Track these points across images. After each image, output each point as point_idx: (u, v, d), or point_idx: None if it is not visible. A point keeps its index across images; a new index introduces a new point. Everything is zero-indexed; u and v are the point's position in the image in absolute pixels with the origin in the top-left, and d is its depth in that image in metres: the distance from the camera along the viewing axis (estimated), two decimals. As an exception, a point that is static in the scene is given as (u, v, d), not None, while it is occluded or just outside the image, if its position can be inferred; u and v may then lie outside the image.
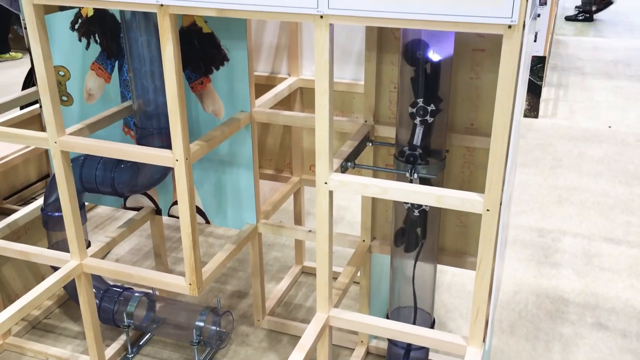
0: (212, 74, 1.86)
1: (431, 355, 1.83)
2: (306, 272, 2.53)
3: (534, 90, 4.20)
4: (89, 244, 1.98)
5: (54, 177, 1.76)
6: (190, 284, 1.72)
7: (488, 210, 1.31)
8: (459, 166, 1.69)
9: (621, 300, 2.35)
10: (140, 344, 2.11)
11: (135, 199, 2.18)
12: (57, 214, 1.92)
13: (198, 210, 2.05)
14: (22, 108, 2.80)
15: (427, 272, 1.69)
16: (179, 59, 1.47)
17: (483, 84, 1.59)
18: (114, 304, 2.01)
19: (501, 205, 1.30)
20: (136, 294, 2.02)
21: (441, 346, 1.52)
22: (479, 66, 1.58)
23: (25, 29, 1.56)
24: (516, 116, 1.25)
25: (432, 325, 1.75)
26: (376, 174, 1.76)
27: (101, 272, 1.84)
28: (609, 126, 4.11)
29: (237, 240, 1.93)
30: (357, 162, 1.60)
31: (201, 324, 1.94)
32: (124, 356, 2.06)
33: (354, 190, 1.43)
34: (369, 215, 1.86)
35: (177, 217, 1.69)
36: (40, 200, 2.09)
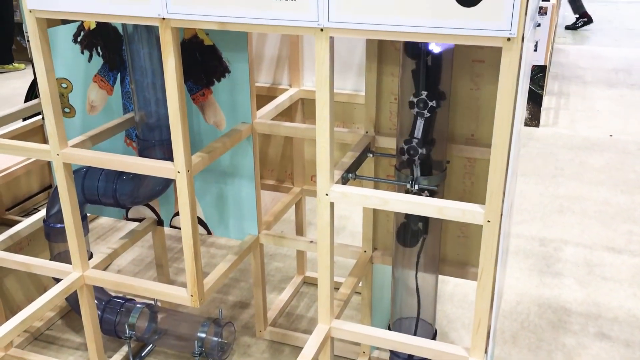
0: (214, 85, 1.87)
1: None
2: (308, 282, 2.52)
3: (535, 99, 4.21)
4: (91, 255, 1.99)
5: (56, 188, 1.77)
6: (192, 296, 1.72)
7: (489, 222, 1.31)
8: (460, 177, 1.70)
9: (624, 310, 2.35)
10: (142, 355, 2.10)
11: (137, 210, 2.18)
12: (59, 225, 1.92)
13: (200, 221, 2.06)
14: (24, 119, 2.81)
15: (429, 282, 1.69)
16: (181, 72, 1.48)
17: (483, 94, 1.60)
18: (115, 315, 2.01)
19: (502, 216, 1.30)
20: (138, 305, 2.03)
21: (443, 357, 1.52)
22: (478, 77, 1.59)
23: (28, 41, 1.57)
24: (517, 126, 1.25)
25: (434, 336, 1.74)
26: (377, 185, 1.77)
27: (103, 284, 1.84)
28: (610, 135, 4.11)
29: (239, 251, 1.93)
30: (358, 173, 1.61)
31: (203, 335, 1.94)
32: (125, 367, 2.06)
33: (355, 201, 1.44)
34: (370, 226, 1.86)
35: (179, 228, 1.69)
36: (42, 211, 2.10)
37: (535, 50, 4.04)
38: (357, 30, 1.24)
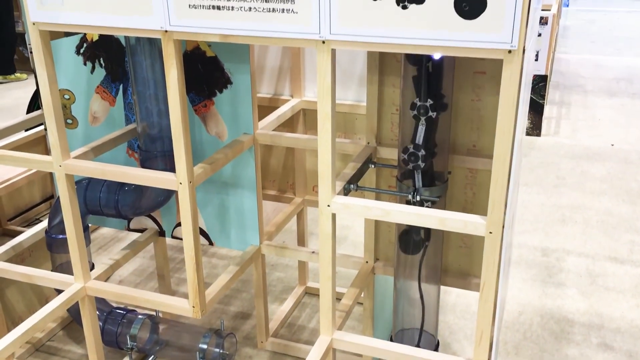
0: (216, 96, 1.88)
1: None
2: (310, 292, 2.52)
3: (536, 109, 4.21)
4: (92, 266, 1.99)
5: (58, 199, 1.77)
6: (193, 307, 1.72)
7: (491, 233, 1.31)
8: (462, 187, 1.70)
9: (626, 320, 2.34)
10: (144, 366, 2.10)
11: (139, 221, 2.18)
12: (61, 236, 1.92)
13: (201, 231, 2.06)
14: (27, 130, 2.82)
15: (431, 293, 1.69)
16: (183, 84, 1.48)
17: (484, 105, 1.60)
18: (117, 326, 2.01)
19: (504, 227, 1.30)
20: (139, 316, 2.02)
21: (445, 369, 1.51)
22: (480, 88, 1.59)
23: (31, 52, 1.58)
24: (518, 136, 1.26)
25: (437, 347, 1.74)
26: (379, 196, 1.77)
27: (105, 295, 1.84)
28: (612, 144, 4.11)
29: (241, 262, 1.93)
30: (359, 184, 1.61)
31: (204, 346, 1.93)
32: (127, 379, 2.06)
33: (356, 213, 1.44)
34: (372, 237, 1.86)
35: (181, 239, 1.69)
36: (44, 221, 2.10)
37: (536, 60, 4.05)
38: (359, 42, 1.25)
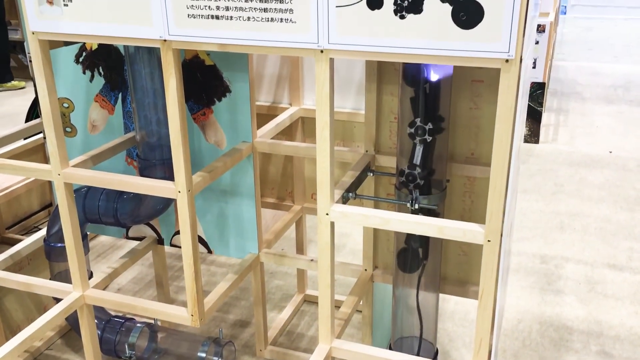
0: (214, 105, 1.88)
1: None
2: (308, 300, 2.52)
3: (534, 116, 4.22)
4: (91, 274, 1.98)
5: (56, 208, 1.77)
6: (192, 315, 1.72)
7: (489, 241, 1.31)
8: (460, 195, 1.70)
9: (625, 328, 2.34)
10: (142, 375, 2.09)
11: (138, 229, 2.18)
12: (59, 244, 1.92)
13: (200, 239, 2.06)
14: (26, 138, 2.82)
15: (430, 301, 1.69)
16: (182, 92, 1.49)
17: (482, 114, 1.61)
18: (115, 335, 2.00)
19: (502, 235, 1.30)
20: (138, 324, 2.02)
21: (444, 377, 1.51)
22: (478, 97, 1.60)
23: (31, 61, 1.58)
24: (516, 143, 1.26)
25: (435, 355, 1.74)
26: (377, 204, 1.77)
27: (103, 304, 1.84)
28: (610, 151, 4.12)
29: (239, 270, 1.93)
30: (358, 192, 1.61)
31: (203, 354, 1.93)
32: (125, 387, 2.05)
33: (355, 221, 1.44)
34: (370, 245, 1.86)
35: (179, 247, 1.69)
36: (42, 230, 2.10)
37: (534, 68, 4.06)
38: (357, 51, 1.25)
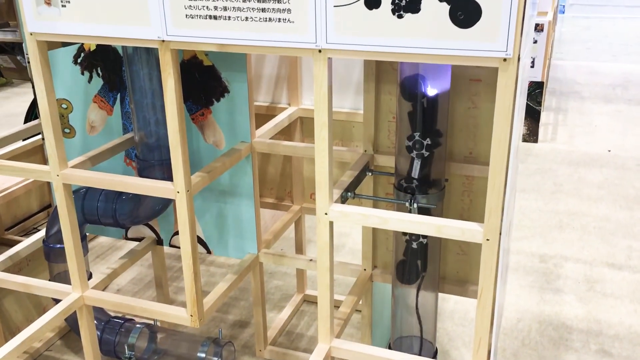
0: (213, 105, 1.88)
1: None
2: (308, 300, 2.52)
3: (533, 115, 4.23)
4: (90, 275, 1.98)
5: (55, 209, 1.77)
6: (191, 316, 1.72)
7: (488, 240, 1.31)
8: (459, 195, 1.70)
9: (625, 327, 2.34)
10: (142, 375, 2.09)
11: (137, 229, 2.18)
12: (58, 246, 1.92)
13: (199, 240, 2.06)
14: (24, 139, 2.82)
15: (429, 301, 1.69)
16: (180, 93, 1.49)
17: (480, 113, 1.61)
18: (115, 336, 2.00)
19: (501, 234, 1.30)
20: (137, 325, 2.02)
21: (444, 376, 1.51)
22: (476, 96, 1.60)
23: (29, 62, 1.58)
24: (514, 142, 1.26)
25: (435, 354, 1.74)
26: (376, 203, 1.77)
27: (103, 304, 1.84)
28: (609, 150, 4.12)
29: (239, 270, 1.93)
30: (357, 191, 1.61)
31: (203, 355, 1.93)
32: (125, 388, 2.05)
33: (354, 220, 1.44)
34: (369, 245, 1.86)
35: (179, 247, 1.69)
36: (42, 231, 2.10)
37: (533, 67, 4.06)
38: (355, 51, 1.25)
